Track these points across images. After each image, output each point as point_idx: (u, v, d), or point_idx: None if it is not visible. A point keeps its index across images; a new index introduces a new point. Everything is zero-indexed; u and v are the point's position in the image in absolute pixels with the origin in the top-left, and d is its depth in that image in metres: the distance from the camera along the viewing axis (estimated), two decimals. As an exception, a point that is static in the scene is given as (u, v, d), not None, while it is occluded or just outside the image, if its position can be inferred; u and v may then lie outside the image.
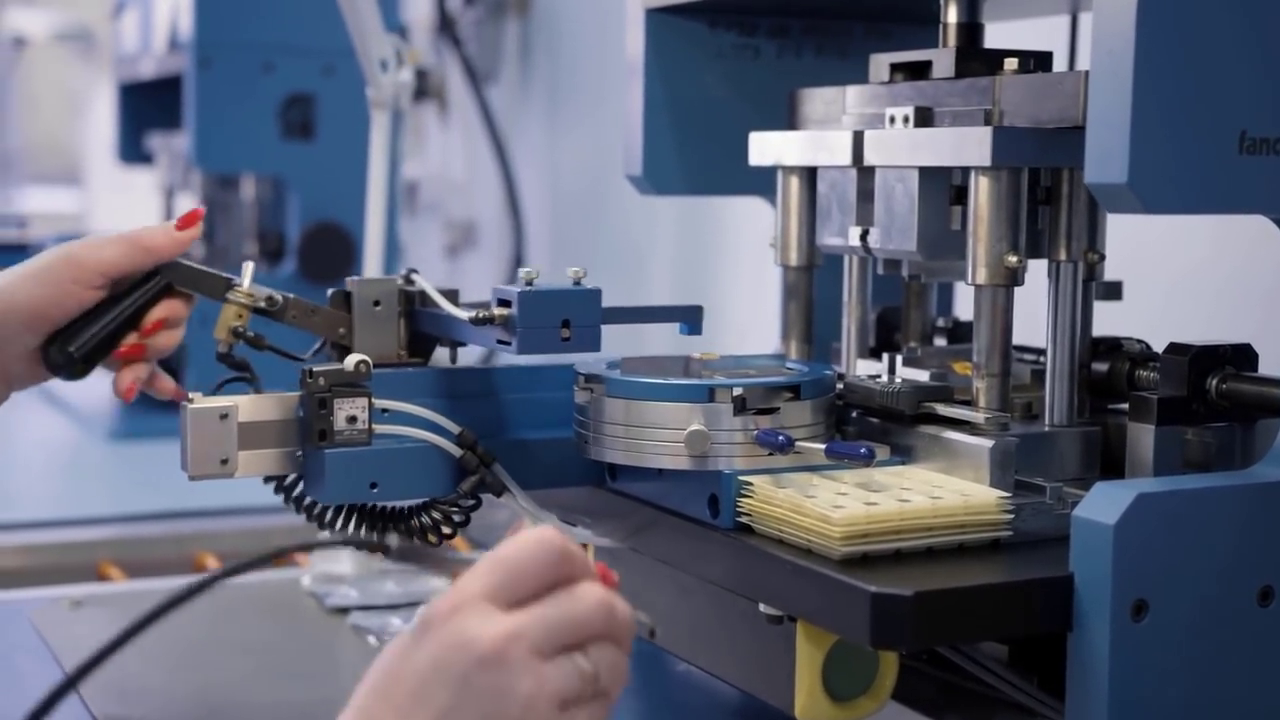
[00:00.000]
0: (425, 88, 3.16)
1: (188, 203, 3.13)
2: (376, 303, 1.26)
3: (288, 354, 1.23)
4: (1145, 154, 0.95)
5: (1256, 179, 0.99)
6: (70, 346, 1.19)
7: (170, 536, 2.06)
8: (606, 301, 1.21)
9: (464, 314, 1.19)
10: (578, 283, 1.21)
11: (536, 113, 3.39)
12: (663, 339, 2.92)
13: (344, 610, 1.66)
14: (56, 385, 1.29)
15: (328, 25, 2.09)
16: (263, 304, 1.23)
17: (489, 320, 1.18)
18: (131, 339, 1.21)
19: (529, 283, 1.18)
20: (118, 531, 2.09)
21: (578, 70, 3.25)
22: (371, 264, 1.82)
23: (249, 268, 1.24)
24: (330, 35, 1.83)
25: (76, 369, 1.21)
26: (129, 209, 3.99)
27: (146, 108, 3.18)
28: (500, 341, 1.19)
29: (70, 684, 0.85)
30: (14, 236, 3.49)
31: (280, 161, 2.78)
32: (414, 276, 1.27)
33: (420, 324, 1.27)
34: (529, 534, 0.86)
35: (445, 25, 3.34)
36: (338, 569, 1.74)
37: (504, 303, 1.19)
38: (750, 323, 2.40)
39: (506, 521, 1.55)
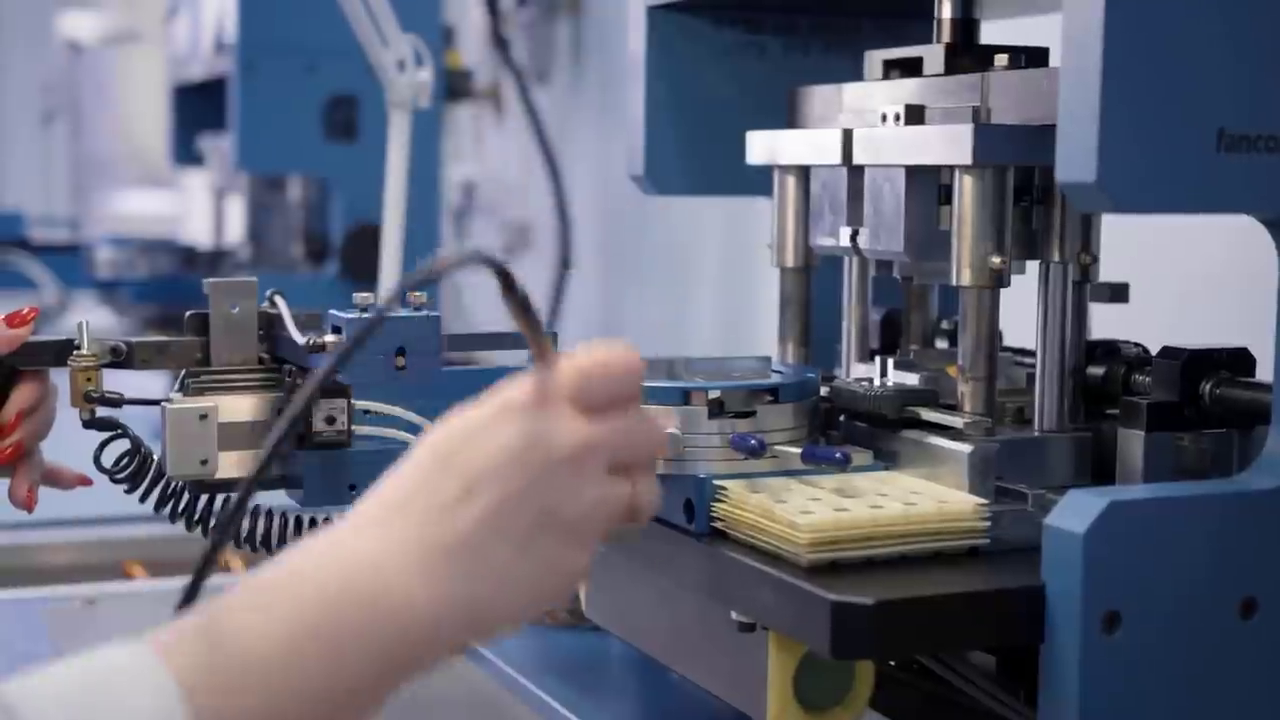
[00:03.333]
0: (468, 88, 3.16)
1: (236, 204, 3.16)
2: (234, 305, 1.22)
3: (146, 401, 1.20)
4: (1115, 152, 0.92)
5: (1236, 177, 0.95)
6: None
7: (195, 535, 2.07)
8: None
9: (300, 338, 1.17)
10: (418, 309, 1.18)
11: (589, 113, 3.39)
12: (705, 342, 2.89)
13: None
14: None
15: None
16: (109, 358, 1.20)
17: (320, 347, 1.16)
18: (6, 444, 1.19)
19: (363, 309, 1.16)
20: (143, 530, 2.10)
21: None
22: (389, 267, 1.82)
23: (84, 326, 1.20)
24: (371, 37, 1.84)
25: None
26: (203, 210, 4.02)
27: (198, 109, 3.21)
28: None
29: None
30: (66, 238, 3.54)
31: (323, 163, 2.80)
32: (276, 299, 1.24)
33: (278, 348, 1.24)
34: (613, 348, 0.85)
35: (494, 26, 3.34)
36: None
37: (338, 329, 1.17)
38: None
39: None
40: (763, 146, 1.33)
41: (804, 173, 1.30)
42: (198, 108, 3.22)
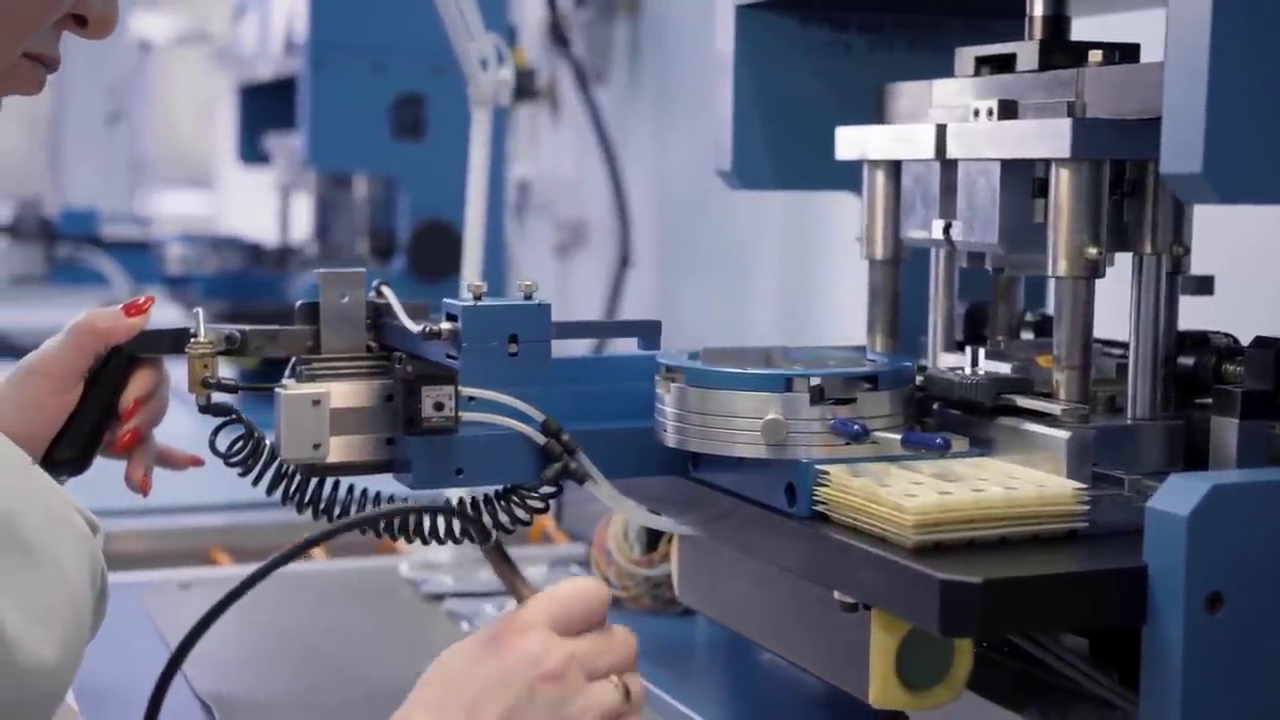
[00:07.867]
0: (532, 87, 3.19)
1: (303, 202, 3.21)
2: (343, 295, 1.25)
3: (260, 386, 1.23)
4: (1221, 143, 0.95)
5: (1339, 168, 0.97)
6: (55, 452, 1.22)
7: (277, 524, 2.11)
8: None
9: (415, 327, 1.20)
10: (529, 297, 1.22)
11: (646, 113, 3.42)
12: (764, 338, 2.91)
13: (439, 597, 1.69)
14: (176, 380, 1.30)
15: (437, 26, 2.14)
16: (224, 346, 1.23)
17: (436, 335, 1.19)
18: (124, 430, 1.24)
19: (477, 297, 1.20)
20: (228, 519, 2.14)
21: (687, 70, 3.27)
22: (471, 262, 1.85)
23: (199, 315, 1.24)
24: (440, 36, 1.87)
25: (70, 469, 1.24)
26: (252, 209, 4.08)
27: (265, 108, 3.26)
28: (449, 356, 1.20)
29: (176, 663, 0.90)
30: (138, 234, 3.59)
31: (391, 161, 2.84)
32: (383, 289, 1.27)
33: (385, 336, 1.27)
34: (582, 580, 1.02)
35: (554, 26, 3.37)
36: (435, 557, 1.77)
37: (452, 317, 1.20)
38: (856, 320, 2.40)
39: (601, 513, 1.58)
40: (852, 142, 1.36)
41: (894, 167, 1.33)
42: (264, 107, 3.27)
